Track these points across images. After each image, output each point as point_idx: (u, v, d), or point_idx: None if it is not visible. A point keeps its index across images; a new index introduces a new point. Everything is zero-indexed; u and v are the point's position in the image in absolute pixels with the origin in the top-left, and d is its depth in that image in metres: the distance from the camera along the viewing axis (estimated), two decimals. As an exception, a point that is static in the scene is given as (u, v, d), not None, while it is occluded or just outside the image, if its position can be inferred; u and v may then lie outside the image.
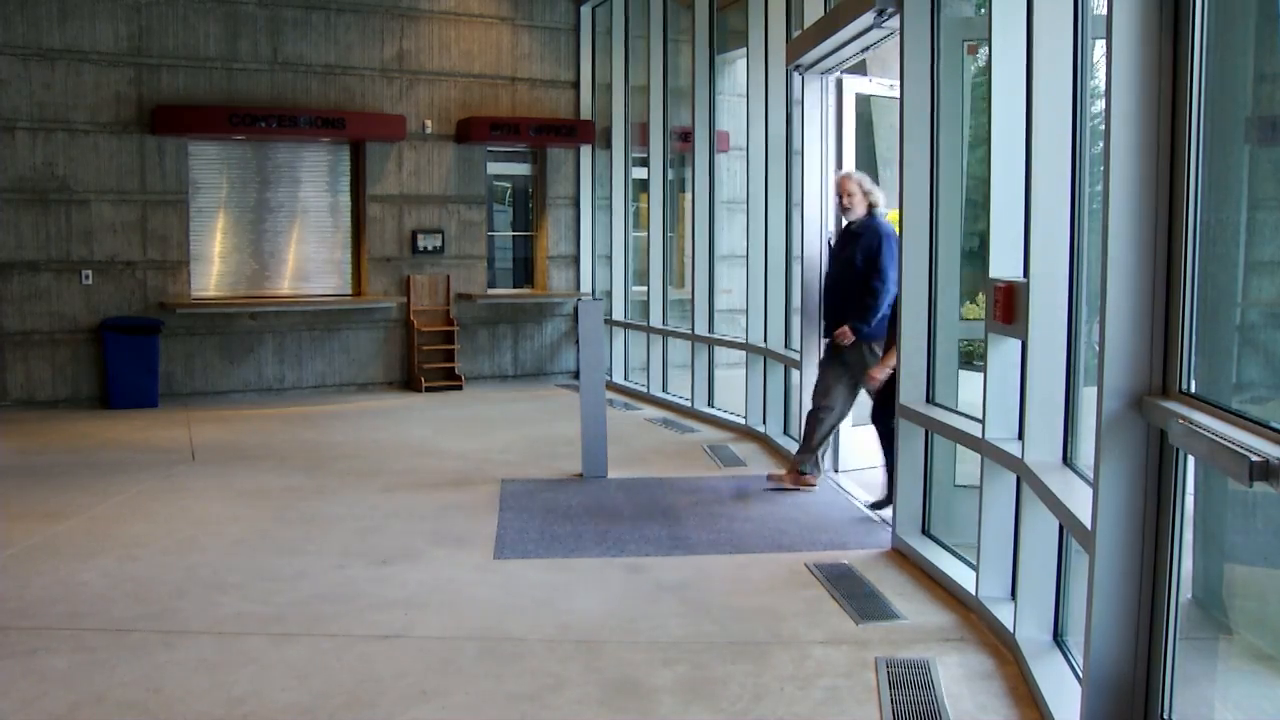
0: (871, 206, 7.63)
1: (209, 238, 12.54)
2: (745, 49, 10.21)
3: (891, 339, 6.97)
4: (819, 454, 7.98)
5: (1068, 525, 4.23)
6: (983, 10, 6.78)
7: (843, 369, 7.81)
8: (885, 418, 7.08)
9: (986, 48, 5.50)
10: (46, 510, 7.33)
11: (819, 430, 7.91)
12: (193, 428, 10.39)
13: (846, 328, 7.59)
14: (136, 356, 11.63)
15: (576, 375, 13.84)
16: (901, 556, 6.27)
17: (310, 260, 12.99)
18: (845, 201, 7.65)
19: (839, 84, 8.23)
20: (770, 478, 8.08)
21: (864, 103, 8.56)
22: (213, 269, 12.57)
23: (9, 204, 11.46)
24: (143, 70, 11.93)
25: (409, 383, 13.10)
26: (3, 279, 11.46)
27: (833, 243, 8.12)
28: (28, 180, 11.51)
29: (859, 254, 7.61)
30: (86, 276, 11.77)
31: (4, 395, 11.48)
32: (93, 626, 5.19)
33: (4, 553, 6.36)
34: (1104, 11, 3.85)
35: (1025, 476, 4.75)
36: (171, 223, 12.11)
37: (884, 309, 7.54)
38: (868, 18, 6.66)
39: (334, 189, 13.05)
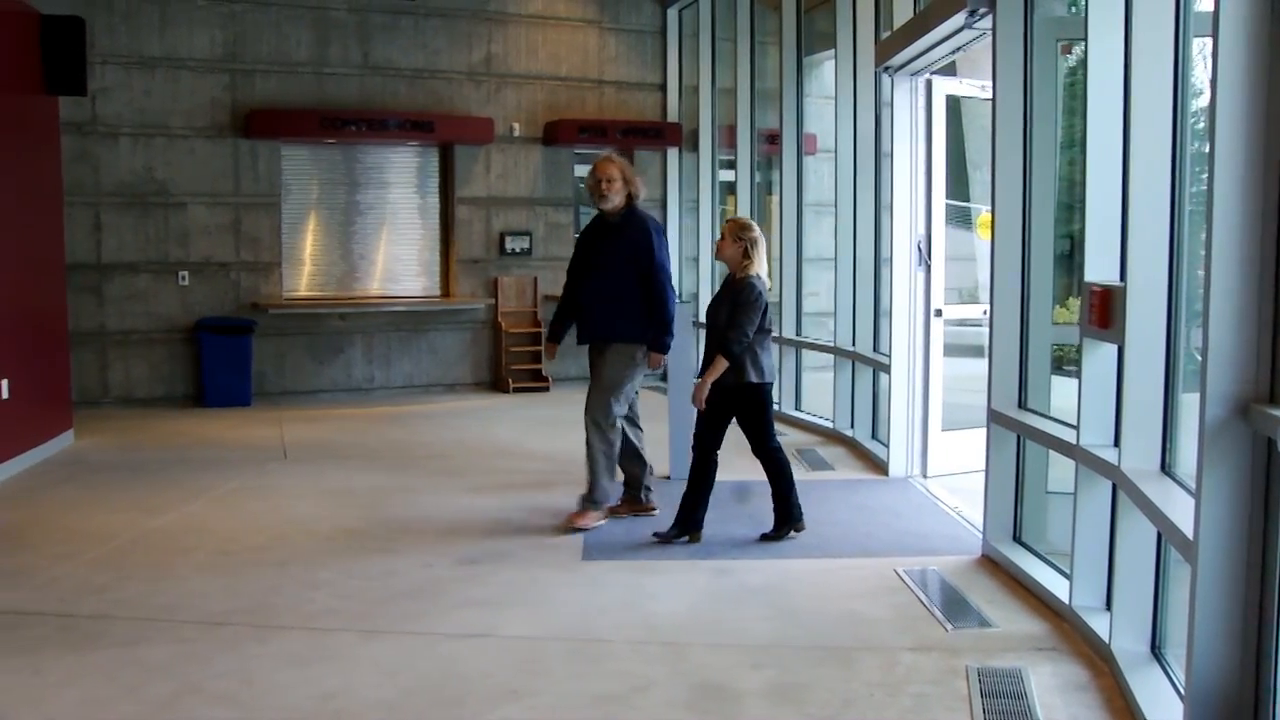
0: (631, 197, 6.95)
1: (300, 239, 12.75)
2: (833, 51, 10.13)
3: (710, 356, 6.50)
4: (643, 476, 7.28)
5: (1168, 535, 4.13)
6: (1074, 8, 6.68)
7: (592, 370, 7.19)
8: (713, 441, 6.66)
9: (1082, 46, 5.40)
10: (145, 505, 7.51)
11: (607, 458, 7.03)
12: (284, 426, 10.57)
13: (657, 357, 6.96)
14: (230, 356, 11.85)
15: (662, 378, 13.84)
16: (991, 563, 6.18)
17: (399, 262, 13.14)
18: (604, 188, 6.86)
19: (929, 85, 8.12)
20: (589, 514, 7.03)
21: (953, 104, 8.44)
22: (303, 270, 12.78)
23: (111, 208, 11.76)
24: (237, 76, 12.17)
25: (496, 383, 13.20)
26: (104, 280, 11.76)
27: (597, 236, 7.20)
28: (128, 184, 11.80)
29: (626, 250, 6.88)
30: (183, 277, 12.03)
31: (104, 393, 11.78)
32: (189, 619, 5.30)
33: (106, 545, 6.53)
34: (1205, 7, 3.77)
35: (1122, 484, 4.65)
36: (264, 225, 12.33)
37: (675, 311, 7.04)
38: (959, 18, 6.56)
39: (422, 191, 13.19)
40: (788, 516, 6.75)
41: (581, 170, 13.88)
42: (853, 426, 9.66)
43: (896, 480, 8.28)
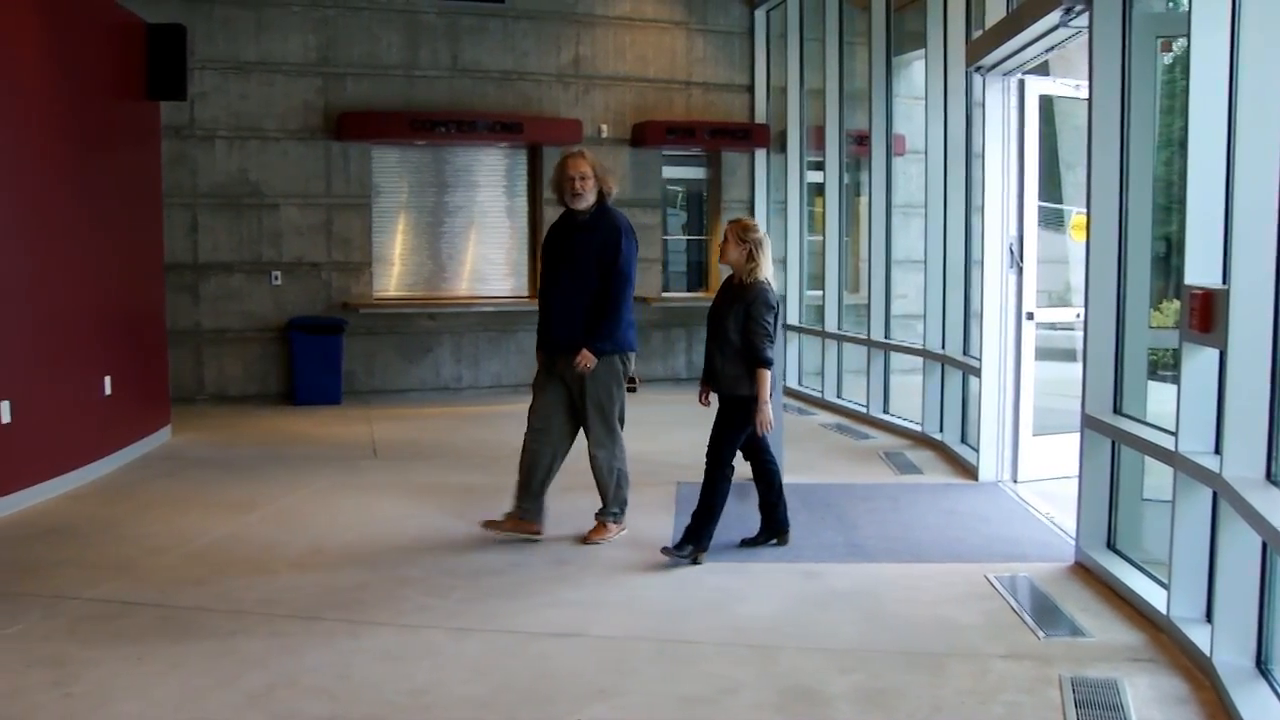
0: (603, 195, 6.59)
1: (390, 240, 12.92)
2: (922, 50, 10.04)
3: (724, 367, 6.29)
4: (542, 498, 6.75)
5: (1274, 545, 4.03)
6: (1174, 4, 6.55)
7: (561, 391, 6.69)
8: (731, 454, 6.41)
9: (1183, 42, 5.29)
10: (239, 500, 7.66)
11: (537, 469, 6.69)
12: (373, 425, 10.71)
13: (588, 354, 6.44)
14: (321, 355, 12.05)
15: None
16: (1085, 571, 6.07)
17: (487, 262, 13.26)
18: (577, 185, 6.49)
19: (1021, 85, 8.00)
20: (488, 524, 6.68)
21: (1045, 103, 8.30)
22: (393, 270, 12.95)
23: (207, 209, 12.02)
24: (329, 79, 12.37)
25: (582, 384, 13.24)
26: (200, 279, 12.03)
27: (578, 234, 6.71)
28: (223, 186, 12.06)
29: (596, 252, 6.50)
30: (275, 277, 12.25)
31: (199, 390, 12.04)
32: (284, 613, 5.40)
33: (202, 539, 6.67)
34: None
35: (1224, 492, 4.54)
36: (354, 225, 12.52)
37: (629, 318, 6.61)
38: (1054, 16, 6.46)
39: (511, 192, 13.30)
40: (775, 525, 6.64)
41: (669, 172, 13.92)
42: (941, 430, 9.56)
43: (986, 485, 8.18)
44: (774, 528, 6.65)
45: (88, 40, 8.67)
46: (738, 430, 6.36)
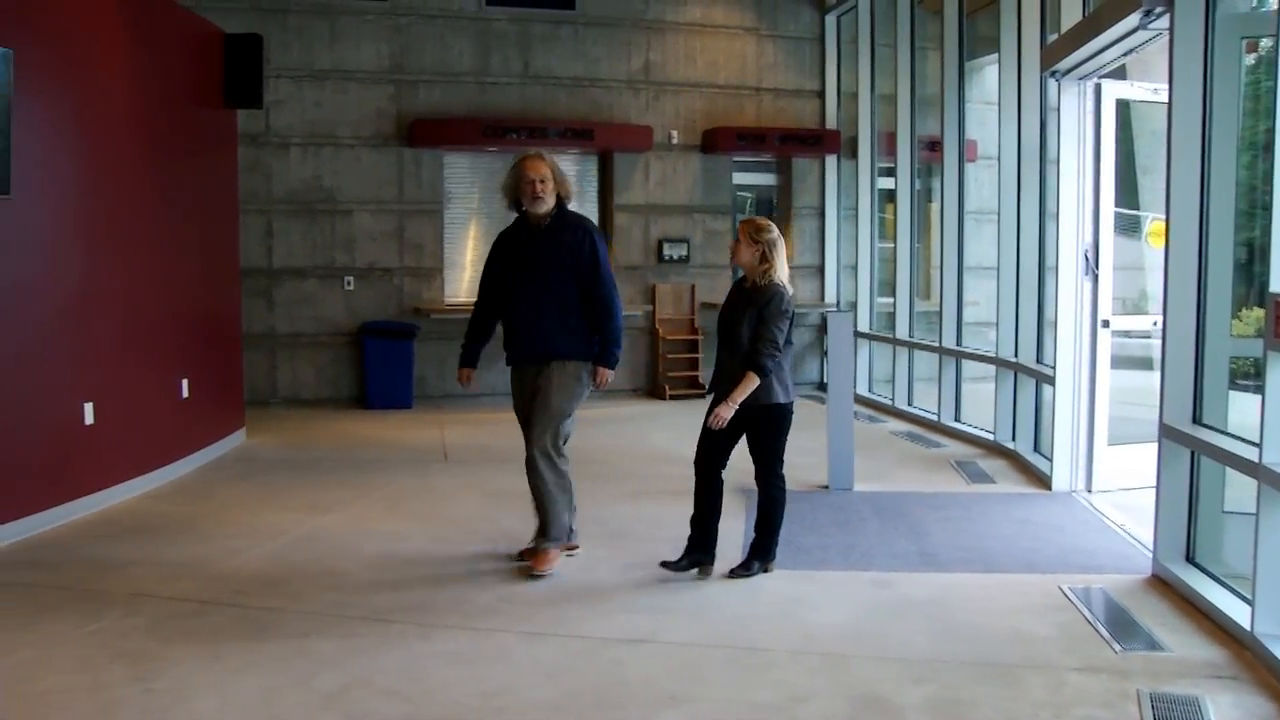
0: (561, 199, 6.27)
1: (461, 245, 13.03)
2: (996, 55, 9.93)
3: (731, 370, 5.96)
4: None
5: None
6: (1260, 4, 6.42)
7: (520, 396, 6.44)
8: (721, 462, 6.10)
9: (1268, 43, 5.19)
10: (312, 503, 7.76)
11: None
12: (444, 429, 10.80)
13: (606, 373, 6.25)
14: (393, 359, 12.17)
15: (820, 386, 13.76)
16: (1163, 584, 5.96)
17: (558, 268, 13.28)
18: (536, 189, 6.11)
19: (1097, 89, 7.90)
20: (527, 558, 6.27)
21: (1122, 108, 8.18)
22: (464, 275, 13.04)
23: (281, 215, 12.21)
24: (401, 86, 12.51)
25: (653, 390, 13.29)
26: (274, 284, 12.21)
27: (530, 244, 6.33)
28: (298, 192, 12.24)
29: (564, 258, 6.15)
30: (349, 282, 12.41)
31: (273, 393, 12.22)
32: (357, 615, 5.45)
33: (278, 541, 6.77)
34: None
35: (1310, 504, 4.45)
36: (426, 231, 12.65)
37: (622, 322, 6.36)
38: (1133, 19, 6.36)
39: (581, 198, 13.34)
40: (766, 552, 6.16)
41: (739, 178, 13.90)
42: (1014, 439, 9.45)
43: (1060, 495, 8.07)
44: (765, 554, 6.17)
45: (170, 51, 8.85)
46: (778, 438, 6.08)
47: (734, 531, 6.92)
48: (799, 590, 5.90)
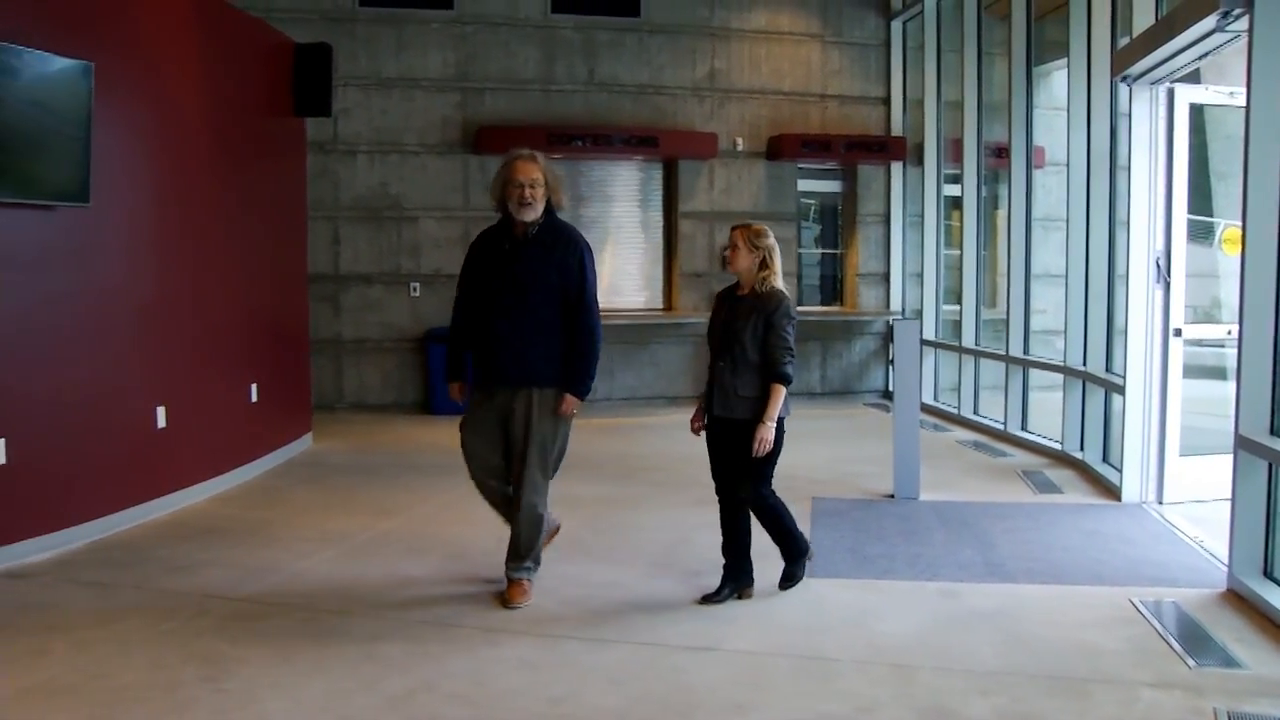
0: (552, 207, 5.73)
1: (526, 253, 13.06)
2: (1064, 60, 9.81)
3: (736, 384, 5.66)
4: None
5: None
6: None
7: (498, 433, 5.85)
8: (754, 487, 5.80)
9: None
10: (378, 507, 7.84)
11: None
12: (509, 435, 10.84)
13: (572, 400, 5.77)
14: (457, 365, 12.23)
15: (884, 394, 13.67)
16: (1238, 599, 5.84)
17: (621, 275, 13.37)
18: (528, 194, 5.59)
19: (1170, 94, 7.77)
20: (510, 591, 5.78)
21: (1195, 112, 8.04)
22: (529, 283, 13.09)
23: (348, 221, 12.35)
24: (467, 94, 12.62)
25: (713, 397, 13.23)
26: (341, 290, 12.36)
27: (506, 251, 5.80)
28: (365, 199, 12.38)
29: (553, 274, 5.65)
30: (414, 289, 12.52)
31: (339, 398, 12.35)
32: (422, 619, 5.49)
33: (345, 544, 6.84)
34: None
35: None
36: (492, 239, 12.70)
37: (599, 357, 5.90)
38: (1210, 21, 6.25)
39: (645, 206, 13.38)
40: (798, 551, 5.97)
41: (804, 185, 13.84)
42: (1082, 449, 9.33)
43: (1130, 506, 7.94)
44: (741, 578, 5.89)
45: (243, 61, 8.99)
46: (774, 454, 5.74)
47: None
48: (864, 600, 5.86)
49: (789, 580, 5.98)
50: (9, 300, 6.36)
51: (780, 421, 5.72)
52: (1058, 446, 9.76)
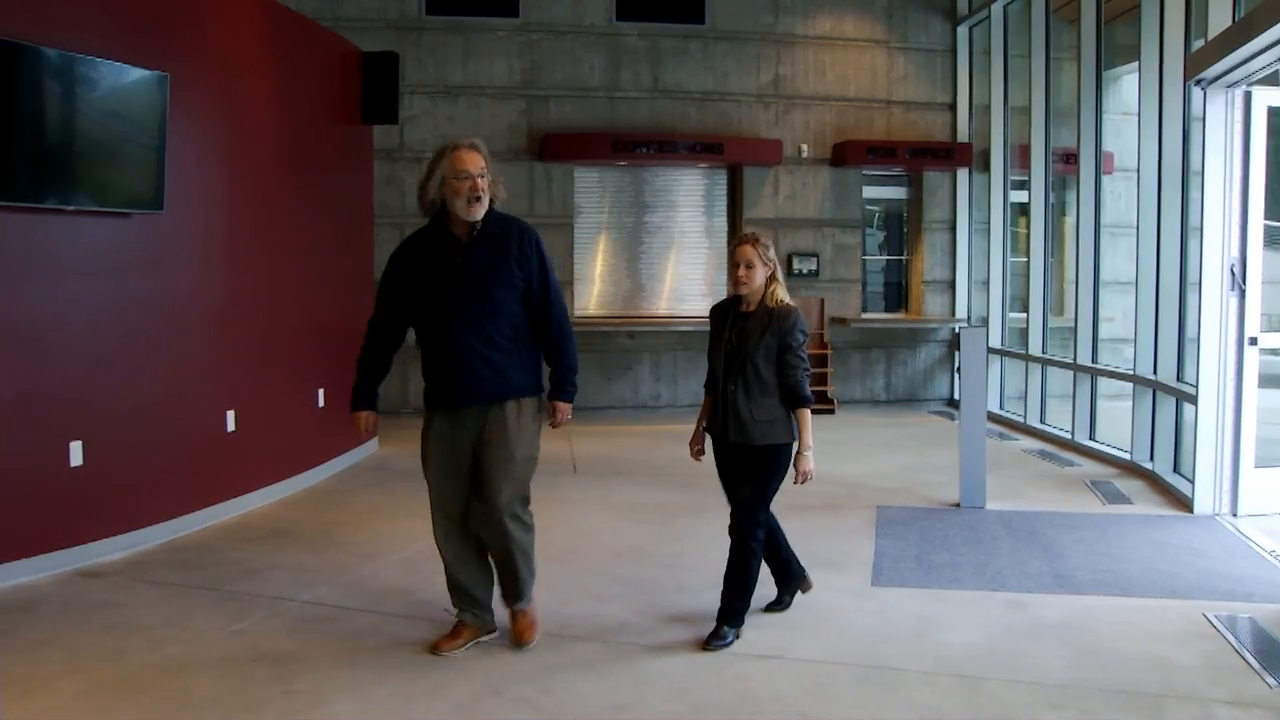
0: (492, 201, 5.06)
1: (591, 258, 13.15)
2: (1135, 64, 9.69)
3: (741, 405, 5.32)
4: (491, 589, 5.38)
5: None
6: None
7: (464, 462, 5.29)
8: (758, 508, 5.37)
9: None
10: (445, 512, 7.87)
11: (469, 564, 5.35)
12: (573, 441, 10.87)
13: (565, 408, 5.33)
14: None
15: (950, 402, 13.56)
16: (1317, 613, 5.73)
17: (686, 281, 13.36)
18: (479, 185, 4.97)
19: (1247, 97, 7.64)
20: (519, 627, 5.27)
21: (1272, 115, 7.89)
22: (593, 289, 13.17)
23: (414, 227, 12.28)
24: (532, 101, 12.69)
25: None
26: (408, 297, 12.43)
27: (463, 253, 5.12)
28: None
29: (513, 266, 5.05)
30: (478, 295, 12.57)
31: (404, 403, 12.43)
32: (488, 624, 5.52)
33: (410, 549, 6.88)
34: None
35: None
36: (557, 244, 12.76)
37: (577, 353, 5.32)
38: (1291, 23, 6.15)
39: (710, 212, 13.38)
40: (737, 616, 5.33)
41: (869, 192, 13.77)
42: (1152, 459, 9.18)
43: (1202, 518, 7.80)
44: (793, 582, 5.80)
45: (312, 69, 9.11)
46: (776, 480, 5.35)
47: (863, 549, 6.89)
48: (931, 609, 5.80)
49: (718, 642, 5.20)
50: (86, 306, 6.50)
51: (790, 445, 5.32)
52: (1126, 456, 9.61)
